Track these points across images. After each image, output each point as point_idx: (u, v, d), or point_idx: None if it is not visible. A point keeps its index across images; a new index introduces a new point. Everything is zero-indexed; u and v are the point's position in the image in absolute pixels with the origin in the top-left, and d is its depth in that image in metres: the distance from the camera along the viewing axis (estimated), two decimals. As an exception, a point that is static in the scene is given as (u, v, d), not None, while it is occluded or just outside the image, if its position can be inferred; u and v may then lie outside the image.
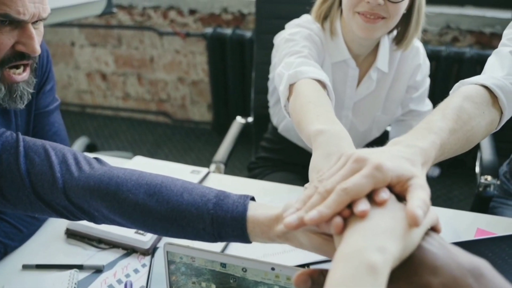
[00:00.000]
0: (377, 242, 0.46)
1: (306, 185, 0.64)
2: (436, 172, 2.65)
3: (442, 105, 0.80)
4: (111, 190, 0.72)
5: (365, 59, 1.31)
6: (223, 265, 0.72)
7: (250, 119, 1.85)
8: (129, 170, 0.75)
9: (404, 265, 0.49)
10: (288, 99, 1.01)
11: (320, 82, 0.99)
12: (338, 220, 0.52)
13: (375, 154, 0.57)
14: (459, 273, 0.46)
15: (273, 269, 0.69)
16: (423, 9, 1.21)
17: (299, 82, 0.98)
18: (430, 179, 2.65)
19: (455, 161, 2.59)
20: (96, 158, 0.80)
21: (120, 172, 0.74)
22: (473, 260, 0.48)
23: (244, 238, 0.67)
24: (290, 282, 0.69)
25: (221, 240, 0.69)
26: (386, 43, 1.29)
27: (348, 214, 0.52)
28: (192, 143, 3.06)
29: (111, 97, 3.30)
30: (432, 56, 2.27)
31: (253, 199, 0.70)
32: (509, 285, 0.46)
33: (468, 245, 0.69)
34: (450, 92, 0.89)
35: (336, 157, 0.61)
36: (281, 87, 1.02)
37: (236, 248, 1.04)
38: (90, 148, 2.76)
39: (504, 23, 2.26)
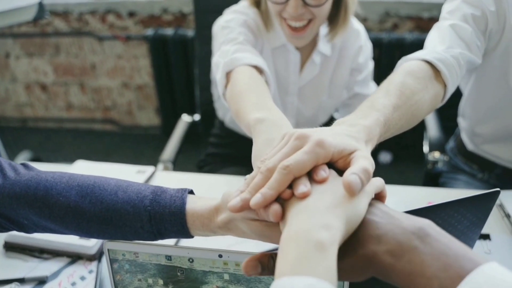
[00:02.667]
0: (321, 220, 0.46)
1: (247, 176, 0.62)
2: (388, 158, 2.69)
3: (385, 83, 0.81)
4: (40, 195, 0.67)
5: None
6: (168, 257, 0.68)
7: (197, 117, 1.81)
8: (59, 172, 0.71)
9: (349, 239, 0.49)
10: (226, 87, 0.99)
11: (257, 68, 0.97)
12: (275, 208, 0.52)
13: (318, 132, 0.57)
14: (404, 237, 0.46)
15: (220, 256, 0.66)
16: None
17: (235, 70, 0.97)
18: (383, 166, 2.68)
19: (406, 145, 2.64)
20: (23, 164, 0.75)
21: (48, 176, 0.69)
22: (417, 221, 0.48)
23: (184, 232, 0.65)
24: (239, 268, 0.66)
25: (161, 237, 0.66)
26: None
27: (289, 196, 0.52)
28: (142, 149, 2.99)
29: (53, 108, 3.18)
30: (375, 43, 2.27)
31: (191, 192, 0.68)
32: (456, 240, 0.46)
33: (417, 214, 0.68)
34: (394, 69, 0.89)
35: (278, 139, 0.61)
36: (218, 75, 1.02)
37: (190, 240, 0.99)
38: (34, 161, 2.63)
39: (440, 7, 2.31)
